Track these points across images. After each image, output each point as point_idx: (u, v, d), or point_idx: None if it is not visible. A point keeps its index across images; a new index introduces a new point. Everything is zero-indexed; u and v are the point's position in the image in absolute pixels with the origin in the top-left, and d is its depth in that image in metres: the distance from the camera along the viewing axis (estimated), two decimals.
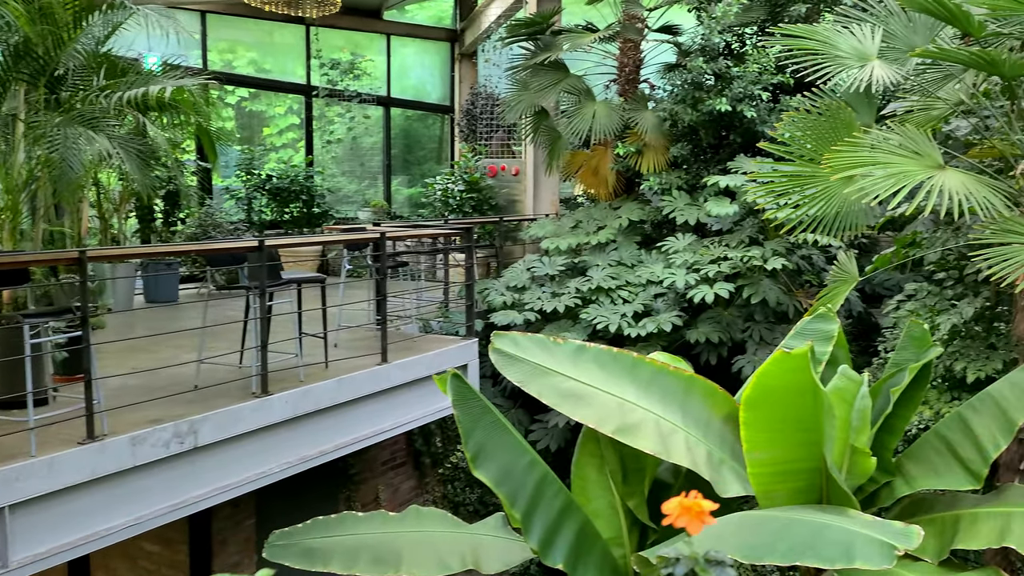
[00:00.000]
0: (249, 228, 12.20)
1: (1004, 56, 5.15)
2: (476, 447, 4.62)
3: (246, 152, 13.11)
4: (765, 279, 8.50)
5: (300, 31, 14.36)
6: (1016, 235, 4.91)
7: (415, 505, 5.41)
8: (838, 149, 5.28)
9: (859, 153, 5.18)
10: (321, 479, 7.70)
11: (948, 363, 6.63)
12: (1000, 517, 4.71)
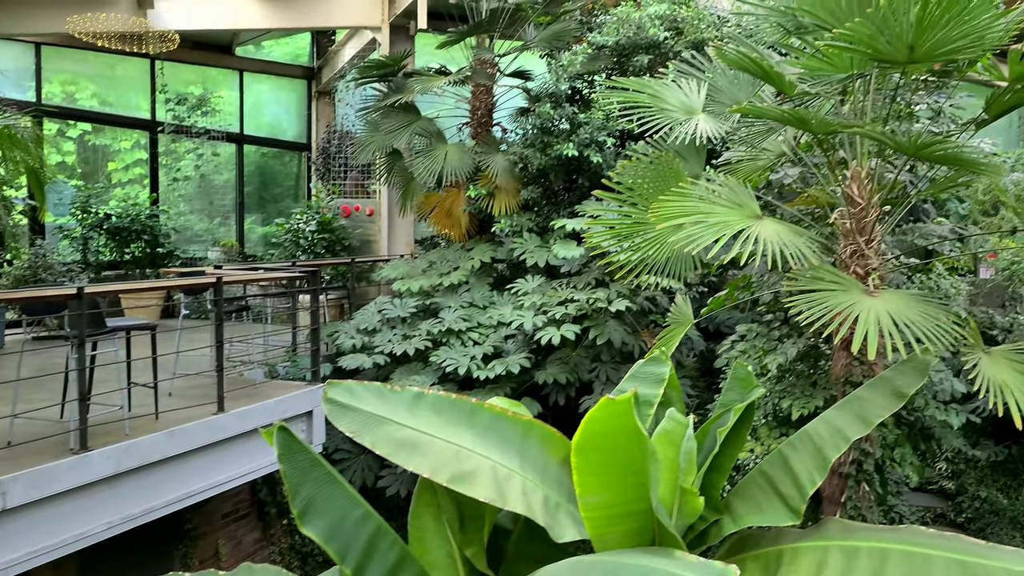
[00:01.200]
0: (84, 269, 11.57)
1: (812, 114, 5.50)
2: (304, 502, 4.48)
3: (82, 189, 12.46)
4: (611, 320, 8.70)
5: (144, 65, 13.86)
6: (824, 282, 5.21)
7: (247, 563, 5.19)
8: (665, 199, 5.48)
9: (683, 203, 5.39)
10: (155, 536, 7.31)
11: (776, 401, 6.95)
12: (819, 551, 4.91)
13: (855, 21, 4.95)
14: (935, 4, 4.80)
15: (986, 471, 9.66)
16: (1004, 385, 4.98)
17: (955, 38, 5.10)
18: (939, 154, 5.29)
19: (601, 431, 4.61)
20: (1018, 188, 8.42)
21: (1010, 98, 5.95)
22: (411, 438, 5.18)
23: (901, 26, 4.98)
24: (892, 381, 5.35)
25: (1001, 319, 7.03)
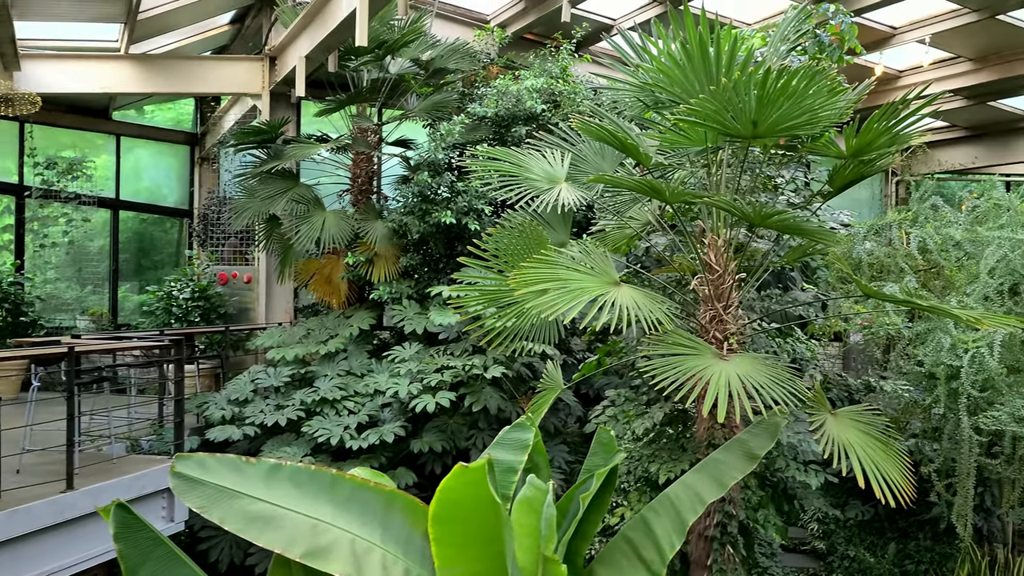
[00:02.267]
0: None
1: (665, 184, 5.70)
2: None
3: None
4: (487, 387, 8.69)
5: (13, 127, 13.37)
6: (679, 347, 5.34)
7: None
8: (526, 265, 5.56)
9: (543, 270, 5.47)
10: None
11: (645, 465, 7.02)
12: None
13: (700, 97, 5.19)
14: (772, 85, 5.07)
15: (854, 530, 9.93)
16: (849, 445, 5.17)
17: (793, 115, 5.40)
18: (779, 223, 5.53)
19: (456, 500, 4.55)
20: (870, 257, 8.89)
21: (850, 172, 6.32)
22: (265, 512, 4.99)
23: (744, 103, 5.25)
24: (746, 443, 5.49)
25: (854, 381, 7.34)
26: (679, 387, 5.09)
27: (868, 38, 12.36)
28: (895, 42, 12.20)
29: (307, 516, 4.99)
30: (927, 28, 11.69)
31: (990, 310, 7.54)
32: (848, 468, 5.14)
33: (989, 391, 7.05)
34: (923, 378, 7.56)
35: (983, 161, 16.41)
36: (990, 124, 16.03)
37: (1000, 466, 7.06)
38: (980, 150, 16.48)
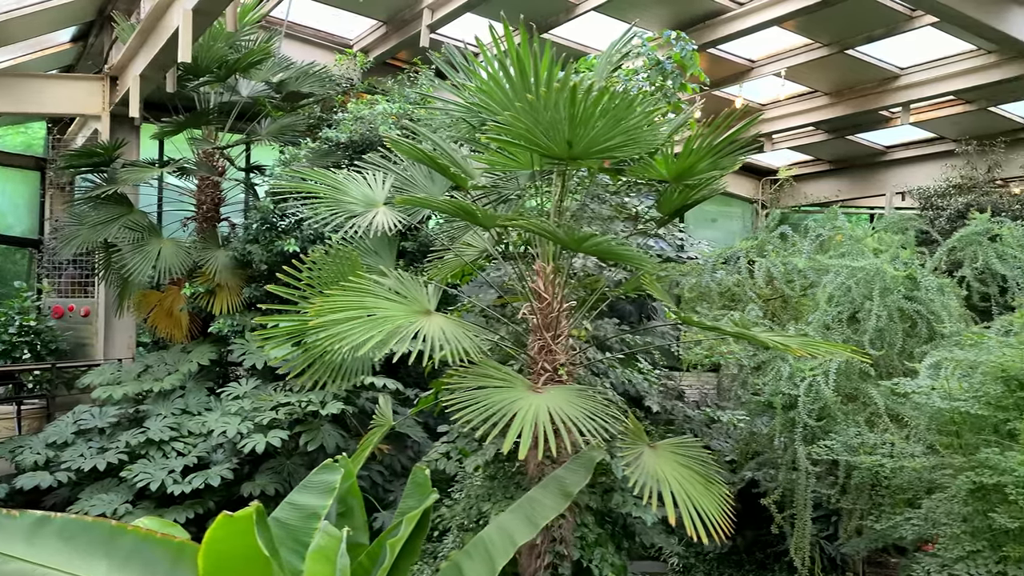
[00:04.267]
0: None
1: (478, 208, 5.43)
2: None
3: None
4: (326, 424, 8.22)
5: None
6: (489, 379, 5.04)
7: None
8: (332, 293, 5.18)
9: (349, 298, 5.10)
10: None
11: (479, 504, 6.68)
12: None
13: (507, 114, 4.95)
14: (582, 101, 4.86)
15: (714, 563, 9.81)
16: (664, 479, 4.93)
17: (611, 137, 5.20)
18: (593, 248, 5.32)
19: (224, 552, 4.10)
20: (720, 287, 8.83)
21: (678, 197, 6.19)
22: (24, 572, 4.43)
23: (554, 121, 5.02)
24: (562, 480, 5.21)
25: (694, 412, 7.19)
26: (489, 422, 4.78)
27: (727, 71, 12.56)
28: (754, 75, 12.40)
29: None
30: (783, 62, 11.92)
31: (829, 338, 7.52)
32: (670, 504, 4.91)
33: (825, 420, 6.99)
34: (763, 408, 7.47)
35: (846, 194, 16.89)
36: (851, 158, 16.52)
37: (835, 496, 6.99)
38: (843, 183, 16.96)
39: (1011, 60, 10.95)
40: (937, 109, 13.36)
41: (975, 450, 5.57)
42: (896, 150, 16.02)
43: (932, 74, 11.95)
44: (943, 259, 8.44)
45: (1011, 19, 9.58)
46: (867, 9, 10.09)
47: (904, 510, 6.22)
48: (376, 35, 12.17)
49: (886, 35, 10.67)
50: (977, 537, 5.46)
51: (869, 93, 12.71)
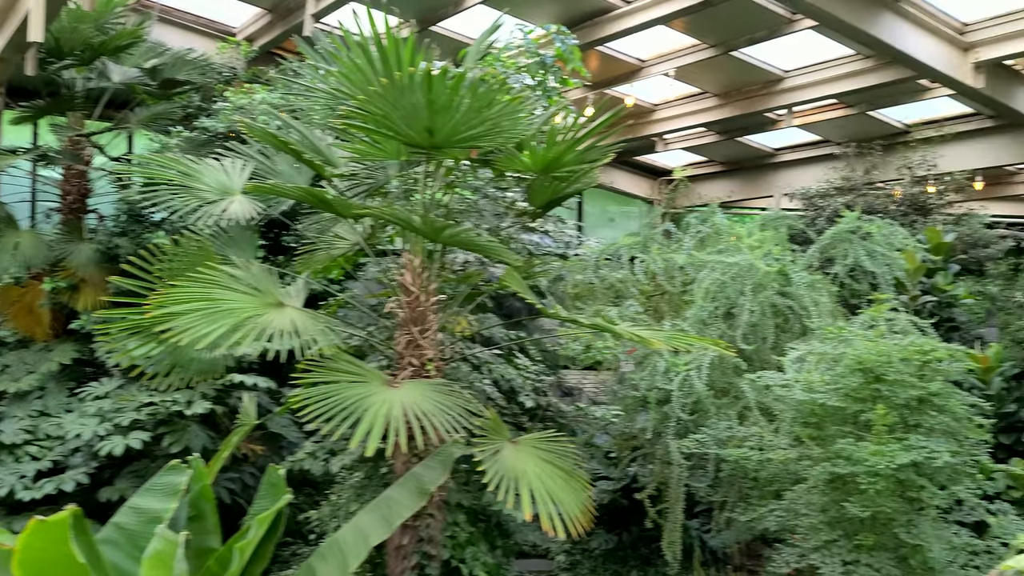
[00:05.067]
0: None
1: (334, 196, 5.24)
2: None
3: None
4: (193, 425, 7.86)
5: None
6: (343, 374, 4.85)
7: None
8: (176, 285, 4.91)
9: (194, 290, 4.84)
10: None
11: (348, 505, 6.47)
12: None
13: (360, 97, 4.77)
14: (439, 88, 4.72)
15: (600, 559, 9.79)
16: (522, 475, 4.84)
17: (473, 126, 5.08)
18: (452, 238, 5.19)
19: (39, 560, 3.81)
20: (604, 283, 8.82)
21: (548, 189, 6.11)
22: None
23: (414, 107, 4.87)
24: (420, 478, 5.06)
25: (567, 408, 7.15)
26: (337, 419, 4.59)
27: (618, 70, 12.63)
28: (644, 75, 12.50)
29: None
30: (671, 62, 12.05)
31: (705, 333, 7.58)
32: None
33: (698, 414, 7.02)
34: (640, 403, 7.47)
35: (738, 195, 17.24)
36: (742, 160, 16.87)
37: (705, 489, 7.04)
38: (735, 184, 17.31)
39: (887, 65, 11.31)
40: (820, 112, 13.73)
41: (834, 441, 5.66)
42: (784, 152, 16.43)
43: (814, 77, 12.27)
44: (816, 256, 8.61)
45: (883, 25, 9.88)
46: (749, 11, 10.26)
47: (770, 502, 6.28)
48: (261, 23, 11.81)
49: (768, 37, 10.89)
50: (834, 527, 5.55)
51: (755, 95, 12.97)
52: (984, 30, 10.69)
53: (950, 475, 5.57)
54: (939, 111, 13.92)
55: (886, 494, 5.24)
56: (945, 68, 10.66)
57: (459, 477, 6.43)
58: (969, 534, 5.62)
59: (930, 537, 5.27)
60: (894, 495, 5.36)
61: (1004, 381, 9.72)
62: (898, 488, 5.38)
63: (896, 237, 8.74)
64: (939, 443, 5.44)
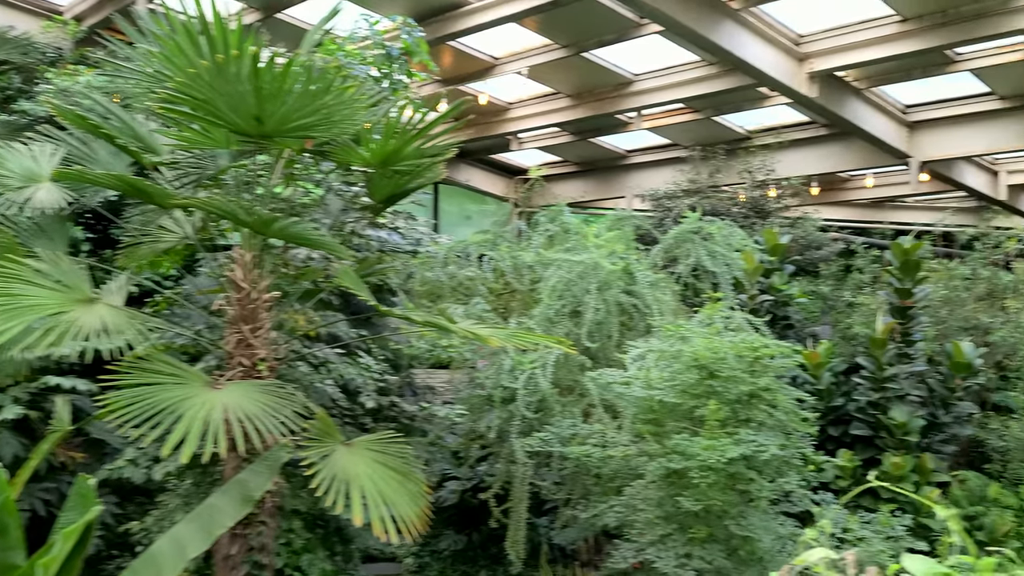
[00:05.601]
0: None
1: (153, 185, 4.90)
2: None
3: None
4: (4, 432, 7.22)
5: None
6: (160, 376, 4.53)
7: None
8: None
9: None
10: None
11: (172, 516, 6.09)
12: None
13: (178, 80, 4.46)
14: (266, 73, 4.47)
15: (449, 560, 9.70)
16: (354, 478, 4.65)
17: (304, 114, 4.84)
18: (280, 232, 4.95)
19: None
20: (453, 281, 8.71)
21: (390, 184, 5.94)
22: None
23: (240, 93, 4.59)
24: (245, 484, 4.78)
25: (410, 407, 7.00)
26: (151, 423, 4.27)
27: (472, 67, 12.56)
28: (498, 72, 12.48)
29: None
30: (524, 60, 12.07)
31: (552, 331, 7.59)
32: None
33: (542, 412, 7.02)
34: (485, 401, 7.41)
35: (592, 195, 17.53)
36: (596, 161, 17.17)
37: (552, 487, 7.05)
38: (589, 185, 17.59)
39: (729, 72, 11.71)
40: (669, 116, 14.11)
41: (671, 437, 5.74)
42: (636, 155, 16.82)
43: (662, 82, 12.57)
44: (660, 256, 8.80)
45: (725, 33, 10.20)
46: (598, 13, 10.38)
47: (611, 498, 6.33)
48: (90, 2, 11.05)
49: (617, 40, 11.06)
50: (669, 521, 5.63)
51: (606, 97, 13.18)
52: (818, 42, 11.23)
53: (778, 467, 5.77)
54: (778, 118, 14.59)
55: (717, 487, 5.36)
56: (782, 77, 11.12)
57: (296, 482, 6.16)
58: (795, 524, 5.83)
59: (758, 528, 5.43)
60: (726, 488, 5.49)
61: (833, 376, 10.25)
62: (729, 481, 5.52)
63: (735, 238, 9.05)
64: (768, 437, 5.62)
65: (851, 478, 9.19)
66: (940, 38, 10.25)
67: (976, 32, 10.04)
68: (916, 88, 13.16)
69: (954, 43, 10.47)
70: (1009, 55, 10.85)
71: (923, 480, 9.30)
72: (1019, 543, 9.03)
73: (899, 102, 13.66)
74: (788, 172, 14.59)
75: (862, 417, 9.75)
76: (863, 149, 14.24)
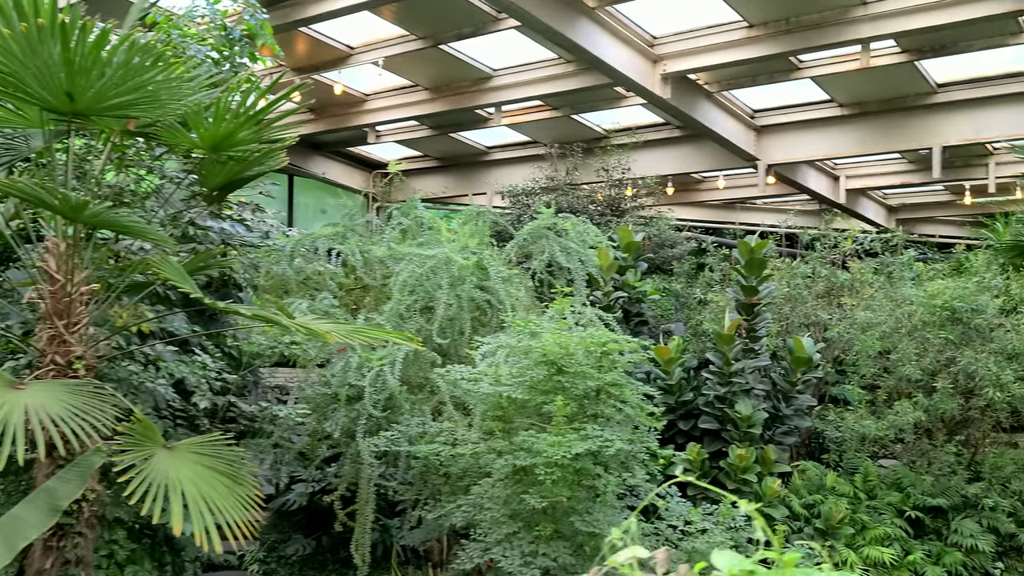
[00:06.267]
0: None
1: None
2: None
3: None
4: None
5: None
6: None
7: None
8: None
9: None
10: None
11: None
12: None
13: None
14: (79, 45, 4.08)
15: (297, 566, 9.34)
16: (175, 483, 4.32)
17: (123, 92, 4.46)
18: (94, 218, 4.56)
19: None
20: (300, 275, 8.36)
21: (223, 170, 5.60)
22: None
23: (48, 65, 4.18)
24: (52, 492, 4.37)
25: (249, 408, 6.66)
26: None
27: (327, 56, 12.18)
28: (353, 62, 12.14)
29: None
30: (380, 51, 11.79)
31: (403, 328, 7.40)
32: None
33: (391, 411, 6.82)
34: (331, 400, 7.13)
35: (453, 191, 17.41)
36: (457, 156, 17.05)
37: (396, 487, 6.86)
38: (450, 180, 17.46)
39: (586, 71, 11.81)
40: (528, 113, 14.13)
41: (519, 434, 5.66)
42: (496, 151, 16.80)
43: (520, 78, 12.56)
44: (515, 251, 8.73)
45: (581, 31, 10.26)
46: (456, 6, 10.25)
47: (459, 497, 6.20)
48: None
49: (475, 33, 10.95)
50: (515, 519, 5.54)
51: (465, 92, 13.06)
52: (671, 44, 11.47)
53: (624, 462, 5.78)
54: (635, 119, 14.87)
55: (563, 484, 5.31)
56: (636, 77, 11.30)
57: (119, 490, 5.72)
58: (640, 518, 5.85)
59: (603, 524, 5.41)
60: (572, 484, 5.46)
61: (684, 372, 10.50)
62: (576, 477, 5.48)
63: (589, 235, 9.09)
64: (615, 432, 5.62)
65: (699, 470, 9.43)
66: (783, 45, 10.65)
67: (816, 40, 10.49)
68: (764, 93, 13.69)
69: (796, 50, 10.90)
70: (847, 64, 11.40)
71: (766, 471, 9.64)
72: (852, 529, 9.49)
73: (748, 107, 14.18)
74: (644, 171, 14.90)
75: (710, 411, 10.02)
76: (714, 151, 14.70)
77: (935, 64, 12.02)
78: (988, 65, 12.38)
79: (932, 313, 10.02)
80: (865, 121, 13.66)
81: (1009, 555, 9.70)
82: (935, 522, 9.84)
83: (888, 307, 10.61)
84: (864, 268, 12.07)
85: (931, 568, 9.18)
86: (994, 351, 9.63)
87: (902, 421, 9.64)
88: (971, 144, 13.61)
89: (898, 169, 16.38)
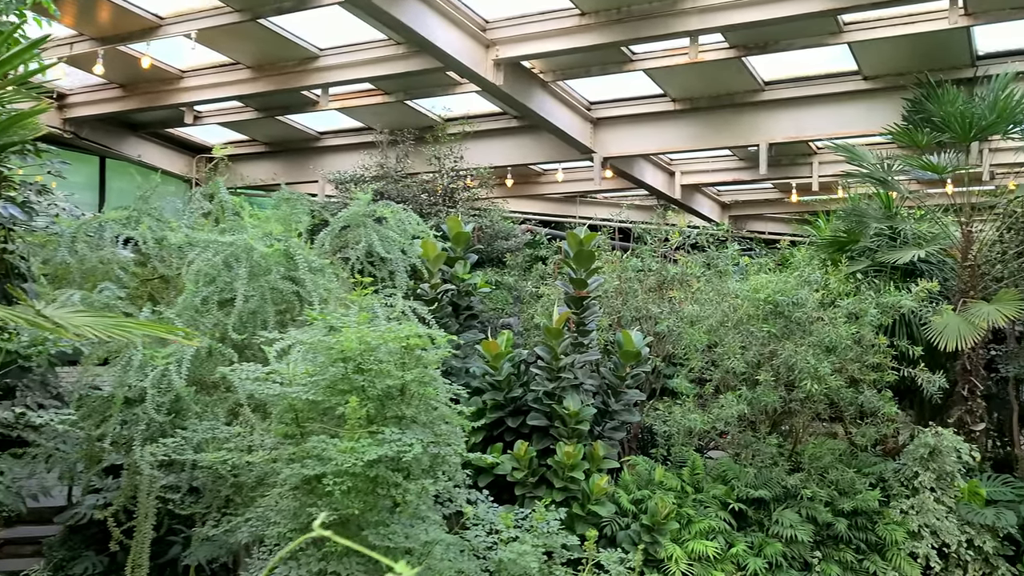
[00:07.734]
0: None
1: None
2: None
3: None
4: None
5: None
6: None
7: None
8: None
9: None
10: None
11: None
12: None
13: None
14: None
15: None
16: None
17: None
18: None
19: None
20: (84, 264, 7.46)
21: None
22: None
23: None
24: None
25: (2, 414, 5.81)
26: None
27: (134, 25, 11.16)
28: (163, 34, 11.15)
29: None
30: (193, 23, 10.86)
31: (200, 322, 6.70)
32: None
33: (176, 415, 6.11)
34: (106, 403, 6.34)
35: (284, 178, 16.44)
36: (287, 142, 16.19)
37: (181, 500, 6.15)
38: (280, 167, 16.58)
39: (417, 54, 11.30)
40: (359, 97, 13.50)
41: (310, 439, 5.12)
42: (328, 137, 16.06)
43: (349, 59, 11.92)
44: (329, 240, 8.14)
45: (409, 10, 9.75)
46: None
47: (248, 510, 5.59)
48: None
49: (296, 8, 10.23)
50: (304, 533, 4.99)
51: (290, 72, 12.29)
52: (503, 29, 11.13)
53: (428, 468, 5.34)
54: (471, 107, 14.49)
55: (355, 494, 4.81)
56: (468, 62, 10.89)
57: None
58: (444, 527, 5.44)
59: (401, 537, 4.96)
60: (367, 494, 4.97)
61: (513, 367, 10.17)
62: (371, 486, 4.99)
63: (410, 224, 8.60)
64: (417, 434, 5.16)
65: (527, 469, 9.12)
66: (615, 34, 10.50)
67: (646, 31, 10.39)
68: (600, 85, 13.60)
69: (627, 40, 10.78)
70: (677, 58, 11.41)
71: (594, 467, 9.43)
72: (678, 524, 9.43)
73: (584, 98, 14.06)
74: (479, 162, 14.54)
75: (539, 407, 9.73)
76: (552, 143, 14.53)
77: (761, 62, 12.24)
78: (810, 65, 12.74)
79: (756, 307, 10.13)
80: (697, 117, 13.81)
81: (827, 544, 9.92)
82: (758, 513, 9.95)
83: (715, 301, 10.68)
84: (692, 262, 12.15)
85: (753, 560, 9.25)
86: (813, 344, 9.81)
87: (726, 414, 9.69)
88: (796, 142, 14.01)
89: (730, 166, 16.77)
